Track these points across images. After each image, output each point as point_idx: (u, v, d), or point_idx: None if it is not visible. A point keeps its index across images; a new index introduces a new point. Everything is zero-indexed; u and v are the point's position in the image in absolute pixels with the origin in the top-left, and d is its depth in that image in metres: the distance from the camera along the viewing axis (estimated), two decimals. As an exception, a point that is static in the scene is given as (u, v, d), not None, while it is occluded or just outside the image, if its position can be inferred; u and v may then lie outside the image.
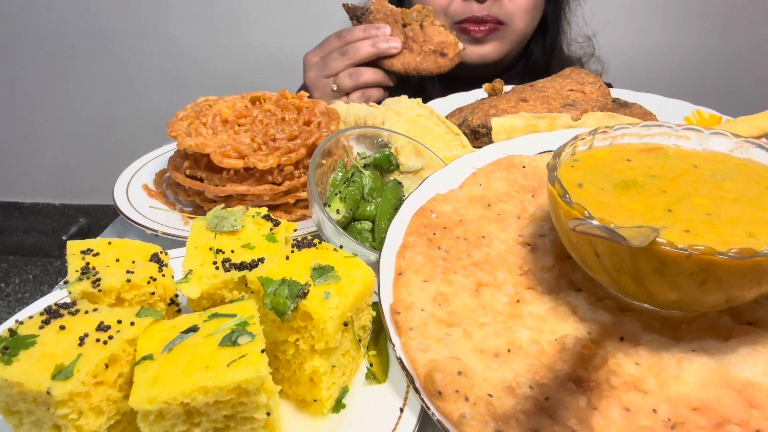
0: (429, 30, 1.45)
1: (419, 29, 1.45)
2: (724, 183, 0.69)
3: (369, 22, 1.52)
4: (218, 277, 0.72)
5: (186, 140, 1.08)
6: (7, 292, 3.35)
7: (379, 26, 1.48)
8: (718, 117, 1.29)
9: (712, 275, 0.57)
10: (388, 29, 1.48)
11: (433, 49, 1.45)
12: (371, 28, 1.48)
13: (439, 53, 1.44)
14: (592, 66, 1.89)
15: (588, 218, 0.59)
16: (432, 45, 1.45)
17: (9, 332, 0.59)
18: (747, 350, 0.63)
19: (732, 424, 0.57)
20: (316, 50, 1.56)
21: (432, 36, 1.45)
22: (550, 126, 1.08)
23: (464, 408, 0.58)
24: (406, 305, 0.70)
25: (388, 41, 1.46)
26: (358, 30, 1.49)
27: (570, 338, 0.66)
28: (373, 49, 1.46)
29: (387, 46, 1.46)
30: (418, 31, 1.45)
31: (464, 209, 0.85)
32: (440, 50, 1.44)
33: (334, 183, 0.99)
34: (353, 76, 1.48)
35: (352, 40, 1.48)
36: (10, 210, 3.59)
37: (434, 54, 1.45)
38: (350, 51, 1.47)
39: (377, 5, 1.51)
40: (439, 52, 1.44)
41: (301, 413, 0.68)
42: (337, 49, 1.50)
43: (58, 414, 0.54)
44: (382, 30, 1.47)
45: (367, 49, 1.46)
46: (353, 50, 1.47)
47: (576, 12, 1.81)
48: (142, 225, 1.05)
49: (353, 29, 1.50)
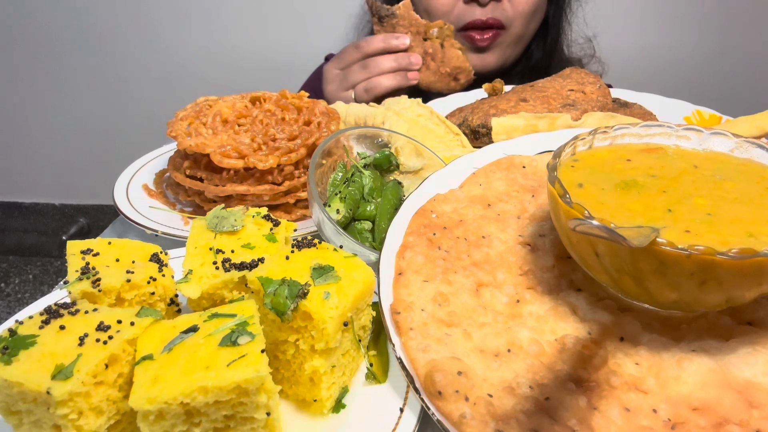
0: (449, 52, 1.45)
1: (439, 48, 1.45)
2: (725, 183, 0.69)
3: (390, 27, 1.49)
4: (218, 277, 0.72)
5: (186, 140, 1.08)
6: (7, 292, 3.34)
7: (399, 36, 1.45)
8: (718, 117, 1.29)
9: (712, 275, 0.57)
10: (407, 40, 1.45)
11: (449, 72, 1.46)
12: (391, 38, 1.45)
13: (453, 77, 1.47)
14: (593, 67, 1.88)
15: (588, 218, 0.59)
16: (448, 68, 1.46)
17: (9, 332, 0.59)
18: (747, 350, 0.63)
19: (732, 424, 0.57)
20: (335, 62, 1.52)
21: (450, 59, 1.46)
22: (550, 126, 1.08)
23: (464, 408, 0.58)
24: (406, 305, 0.70)
25: (410, 59, 1.45)
26: (378, 40, 1.45)
27: (570, 338, 0.66)
28: (395, 65, 1.44)
29: (409, 62, 1.45)
30: (438, 49, 1.45)
31: (464, 209, 0.85)
32: (455, 75, 1.47)
33: (334, 183, 0.99)
34: (369, 91, 1.46)
35: (372, 52, 1.45)
36: (10, 210, 3.58)
37: (449, 77, 1.47)
38: (371, 66, 1.45)
39: (404, 11, 1.48)
40: (454, 76, 1.47)
41: (301, 413, 0.68)
42: (357, 61, 1.47)
43: (58, 414, 0.54)
44: (402, 40, 1.45)
45: (389, 64, 1.44)
46: (374, 65, 1.44)
47: (577, 13, 1.81)
48: (142, 225, 1.05)
49: (372, 39, 1.46)
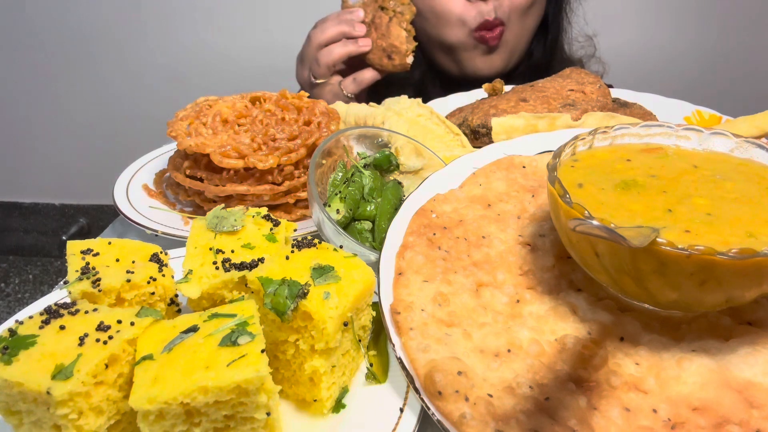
0: (393, 28, 1.45)
1: (386, 21, 1.45)
2: (725, 183, 0.69)
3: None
4: (218, 277, 0.72)
5: (186, 140, 1.08)
6: (7, 292, 3.35)
7: (353, 10, 1.49)
8: (718, 117, 1.29)
9: (712, 275, 0.57)
10: (361, 13, 1.48)
11: (384, 47, 1.47)
12: (345, 13, 1.49)
13: (387, 54, 1.47)
14: (593, 67, 1.88)
15: (588, 218, 0.59)
16: (385, 43, 1.46)
17: (9, 332, 0.59)
18: (747, 350, 0.63)
19: (732, 424, 0.56)
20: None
21: (391, 35, 1.46)
22: (550, 126, 1.08)
23: (464, 408, 0.58)
24: (406, 305, 0.70)
25: (353, 25, 1.46)
26: (332, 15, 1.50)
27: (570, 338, 0.66)
28: (336, 31, 1.46)
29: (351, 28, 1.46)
30: (384, 22, 1.46)
31: (464, 209, 0.85)
32: (389, 52, 1.47)
33: (334, 183, 0.99)
34: (319, 61, 1.47)
35: (322, 23, 1.49)
36: (10, 210, 3.58)
37: (382, 52, 1.47)
38: (314, 37, 1.47)
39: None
40: (388, 54, 1.47)
41: (301, 413, 0.68)
42: (307, 37, 1.50)
43: (58, 414, 0.54)
44: (356, 14, 1.48)
45: (330, 32, 1.46)
46: (315, 36, 1.47)
47: (577, 11, 1.80)
48: (142, 225, 1.05)
49: (327, 16, 1.51)
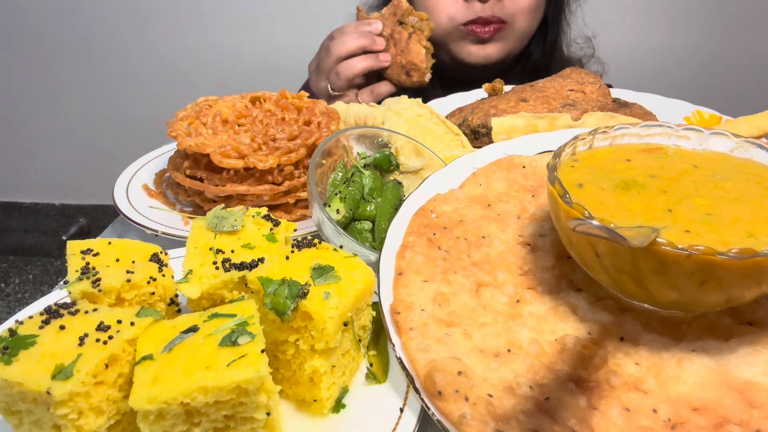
0: (413, 45, 1.47)
1: (406, 38, 1.47)
2: (725, 183, 0.69)
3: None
4: (218, 277, 0.72)
5: (186, 140, 1.08)
6: (7, 292, 3.34)
7: (371, 22, 1.49)
8: (718, 117, 1.29)
9: (712, 275, 0.57)
10: (379, 25, 1.48)
11: (404, 64, 1.49)
12: (363, 24, 1.49)
13: (406, 71, 1.49)
14: (593, 67, 1.88)
15: (588, 218, 0.59)
16: (404, 60, 1.48)
17: (9, 332, 0.59)
18: (747, 350, 0.63)
19: (732, 424, 0.56)
20: (316, 55, 1.56)
21: (410, 52, 1.47)
22: (550, 126, 1.08)
23: (464, 408, 0.58)
24: (406, 305, 0.70)
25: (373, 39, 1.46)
26: (350, 26, 1.49)
27: (570, 338, 0.66)
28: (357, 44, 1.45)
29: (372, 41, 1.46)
30: (404, 38, 1.47)
31: (464, 209, 0.85)
32: (408, 69, 1.49)
33: (334, 183, 0.99)
34: (340, 74, 1.47)
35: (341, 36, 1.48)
36: (10, 210, 3.58)
37: (401, 69, 1.50)
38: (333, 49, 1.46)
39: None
40: (407, 70, 1.49)
41: (301, 413, 0.68)
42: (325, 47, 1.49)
43: (58, 414, 0.54)
44: (374, 26, 1.48)
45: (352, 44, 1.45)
46: (335, 48, 1.46)
47: (576, 13, 1.81)
48: (142, 225, 1.05)
49: (344, 26, 1.50)
